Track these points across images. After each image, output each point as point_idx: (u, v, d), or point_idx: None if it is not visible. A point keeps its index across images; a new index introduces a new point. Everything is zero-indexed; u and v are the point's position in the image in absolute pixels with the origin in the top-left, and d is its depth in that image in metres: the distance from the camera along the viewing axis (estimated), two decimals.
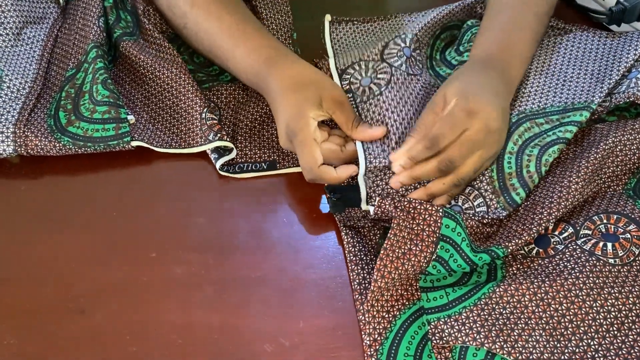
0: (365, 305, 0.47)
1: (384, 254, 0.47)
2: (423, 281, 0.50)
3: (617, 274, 0.48)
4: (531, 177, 0.52)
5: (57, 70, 0.64)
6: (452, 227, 0.48)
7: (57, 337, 0.47)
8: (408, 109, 0.56)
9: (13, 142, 0.57)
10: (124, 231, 0.54)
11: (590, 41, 0.62)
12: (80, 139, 0.57)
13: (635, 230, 0.50)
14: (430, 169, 0.51)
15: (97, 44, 0.62)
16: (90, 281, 0.51)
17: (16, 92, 0.61)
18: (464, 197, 0.54)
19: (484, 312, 0.46)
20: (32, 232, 0.54)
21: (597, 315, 0.46)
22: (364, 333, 0.47)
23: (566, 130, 0.54)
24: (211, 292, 0.50)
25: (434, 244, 0.48)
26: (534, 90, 0.59)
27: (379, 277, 0.46)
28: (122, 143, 0.58)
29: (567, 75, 0.59)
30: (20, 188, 0.57)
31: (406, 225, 0.48)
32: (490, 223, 0.53)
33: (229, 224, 0.55)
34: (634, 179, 0.54)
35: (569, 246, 0.50)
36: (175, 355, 0.46)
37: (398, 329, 0.47)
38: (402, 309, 0.48)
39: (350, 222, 0.54)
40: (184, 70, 0.61)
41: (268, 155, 0.60)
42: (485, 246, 0.50)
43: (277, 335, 0.48)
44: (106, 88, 0.59)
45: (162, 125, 0.61)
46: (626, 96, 0.55)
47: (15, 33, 0.64)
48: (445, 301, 0.48)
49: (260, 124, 0.62)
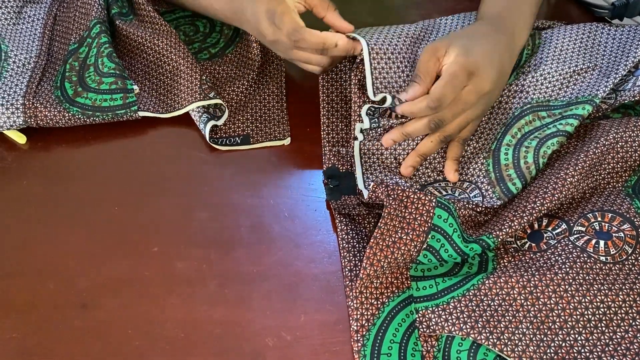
0: (354, 292, 0.48)
1: (374, 242, 0.47)
2: (414, 270, 0.50)
3: (608, 272, 0.48)
4: (528, 168, 0.52)
5: (59, 45, 0.65)
6: (444, 217, 0.49)
7: (59, 332, 0.47)
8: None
9: (23, 113, 0.58)
10: (126, 226, 0.54)
11: (600, 33, 0.61)
12: (89, 109, 0.59)
13: (629, 229, 0.50)
14: (421, 126, 0.53)
15: (100, 20, 0.63)
16: (93, 276, 0.51)
17: (22, 66, 0.63)
18: (461, 190, 0.54)
19: (472, 302, 0.47)
20: (34, 227, 0.54)
21: (586, 310, 0.46)
22: (352, 318, 0.47)
23: (567, 124, 0.54)
24: (213, 287, 0.50)
25: (425, 233, 0.48)
26: (543, 76, 0.58)
27: (367, 265, 0.47)
28: (130, 112, 0.60)
29: (578, 66, 0.59)
30: (22, 183, 0.57)
31: (397, 214, 0.48)
32: (485, 212, 0.53)
33: (230, 219, 0.55)
34: (634, 176, 0.54)
35: (561, 241, 0.50)
36: (177, 350, 0.47)
37: (386, 315, 0.47)
38: (391, 297, 0.48)
39: (345, 210, 0.55)
40: (179, 40, 0.63)
41: (242, 129, 0.61)
42: (478, 234, 0.50)
43: (279, 329, 0.48)
44: (112, 61, 0.61)
45: (164, 89, 0.63)
46: (632, 94, 0.55)
47: (16, 12, 0.66)
48: (435, 290, 0.48)
49: (237, 102, 0.63)
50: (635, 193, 0.53)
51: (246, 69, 0.65)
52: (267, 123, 0.62)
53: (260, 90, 0.64)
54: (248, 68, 0.65)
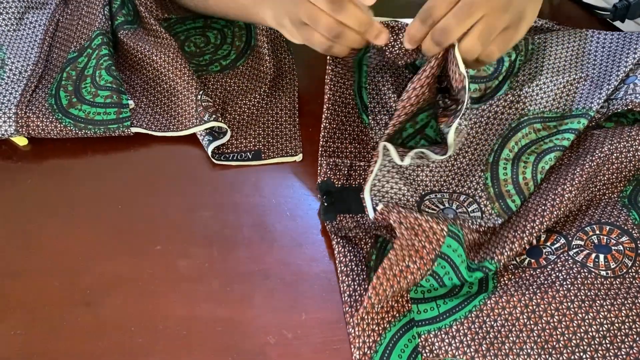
0: (355, 319, 0.46)
1: (382, 272, 0.45)
2: (414, 292, 0.49)
3: (610, 287, 0.47)
4: (527, 184, 0.52)
5: (58, 52, 0.65)
6: (453, 247, 0.47)
7: (63, 329, 0.48)
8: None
9: (15, 122, 0.58)
10: (129, 224, 0.55)
11: (589, 41, 0.61)
12: (82, 121, 0.58)
13: (627, 242, 0.50)
14: (427, 45, 0.48)
15: (103, 32, 0.63)
16: (96, 274, 0.51)
17: (18, 74, 0.62)
18: (458, 203, 0.54)
19: (474, 325, 0.46)
20: (38, 226, 0.54)
21: (589, 328, 0.46)
22: (353, 347, 0.46)
23: (563, 138, 0.53)
24: (215, 285, 0.50)
25: (432, 261, 0.46)
26: (539, 87, 0.58)
27: (373, 295, 0.45)
28: (122, 127, 0.59)
29: (571, 76, 0.58)
30: (26, 182, 0.58)
31: (408, 243, 0.46)
32: (485, 231, 0.52)
33: (233, 218, 0.55)
34: (629, 186, 0.53)
35: (560, 257, 0.49)
36: (179, 347, 0.47)
37: (388, 342, 0.46)
38: (392, 321, 0.47)
39: (341, 233, 0.53)
40: (180, 54, 0.62)
41: (253, 144, 0.60)
42: (479, 258, 0.50)
43: (280, 327, 0.48)
44: (110, 74, 0.60)
45: (160, 108, 0.62)
46: (624, 103, 0.54)
47: (17, 18, 0.66)
48: (436, 313, 0.48)
49: (249, 115, 0.62)
50: (632, 203, 0.52)
51: (258, 82, 0.64)
52: (278, 138, 0.61)
53: (273, 104, 0.63)
54: (260, 81, 0.64)
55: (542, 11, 0.72)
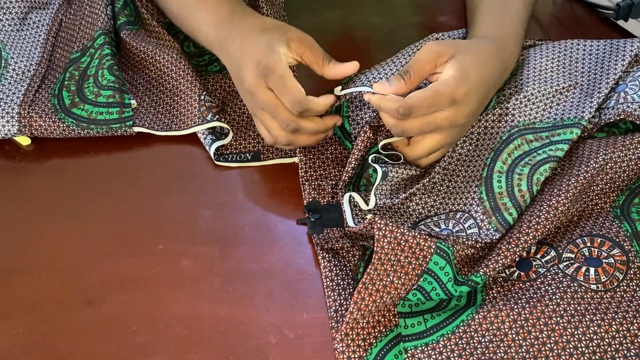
0: (339, 334, 0.45)
1: (363, 287, 0.44)
2: (401, 306, 0.48)
3: (600, 301, 0.46)
4: (523, 197, 0.51)
5: (61, 52, 0.65)
6: (440, 265, 0.46)
7: (65, 328, 0.48)
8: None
9: (18, 122, 0.58)
10: (131, 223, 0.55)
11: (575, 50, 0.60)
12: (84, 121, 0.59)
13: (619, 254, 0.49)
14: (387, 120, 0.50)
15: (105, 31, 0.63)
16: (98, 272, 0.51)
17: (21, 74, 0.62)
18: (455, 220, 0.53)
19: (462, 340, 0.45)
20: (41, 225, 0.55)
21: (579, 343, 0.45)
22: None
23: (557, 149, 0.52)
24: (217, 284, 0.51)
25: (418, 276, 0.46)
26: (527, 98, 0.57)
27: (355, 310, 0.45)
28: (124, 127, 0.59)
29: (559, 85, 0.57)
30: (29, 181, 0.58)
31: (390, 257, 0.45)
32: (482, 247, 0.50)
33: (234, 217, 0.55)
34: (622, 196, 0.53)
35: (550, 270, 0.49)
36: (181, 346, 0.47)
37: (374, 358, 0.45)
38: (379, 337, 0.46)
39: (327, 245, 0.52)
40: (182, 55, 0.62)
41: (253, 145, 0.60)
42: (473, 272, 0.48)
43: (281, 327, 0.48)
44: (112, 74, 0.60)
45: (163, 108, 0.62)
46: (616, 113, 0.53)
47: (20, 18, 0.66)
48: (423, 328, 0.46)
49: (249, 116, 0.62)
50: (624, 214, 0.51)
51: None
52: None
53: None
54: None
55: (545, 11, 0.72)
